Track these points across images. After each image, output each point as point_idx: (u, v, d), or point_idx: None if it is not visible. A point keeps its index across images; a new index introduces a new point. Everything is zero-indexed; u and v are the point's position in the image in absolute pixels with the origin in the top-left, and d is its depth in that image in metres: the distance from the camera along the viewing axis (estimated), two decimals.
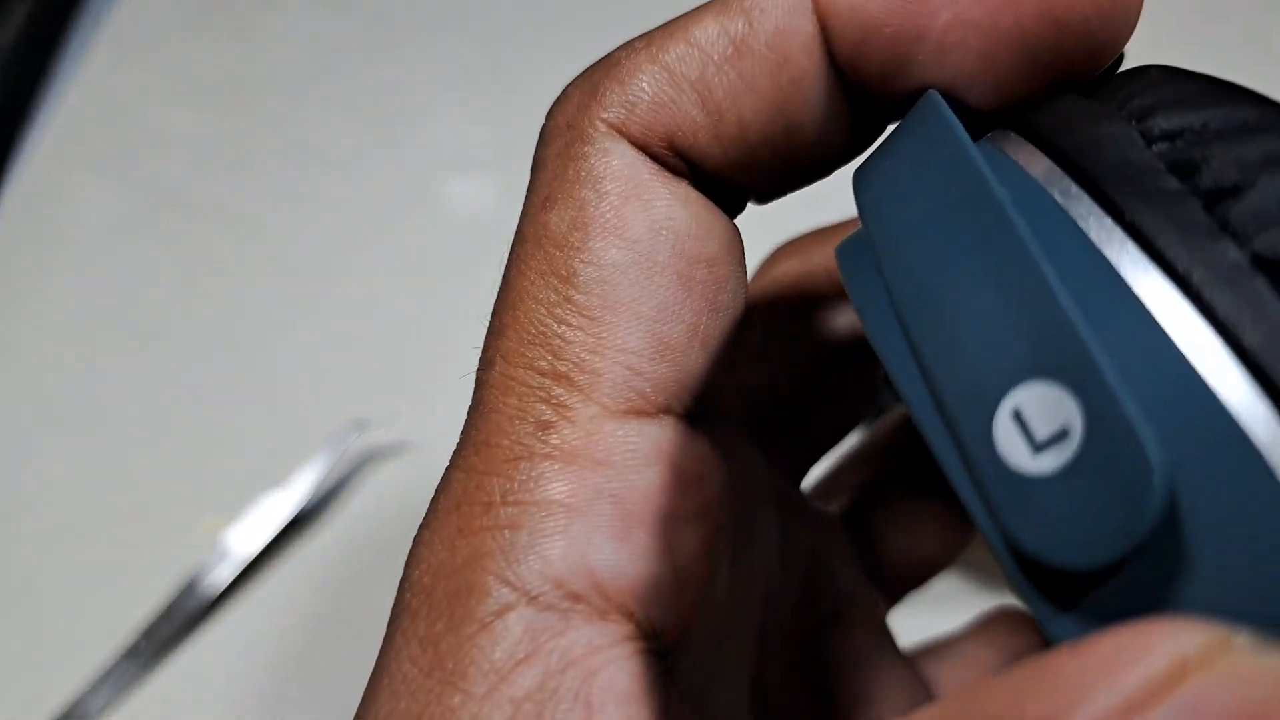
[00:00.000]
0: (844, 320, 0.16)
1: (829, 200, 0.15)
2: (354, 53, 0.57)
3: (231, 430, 0.41)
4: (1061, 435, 0.07)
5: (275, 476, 0.38)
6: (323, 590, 0.37)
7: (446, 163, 0.51)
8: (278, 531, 0.37)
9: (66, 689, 0.35)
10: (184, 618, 0.35)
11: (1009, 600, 0.24)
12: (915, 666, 0.17)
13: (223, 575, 0.36)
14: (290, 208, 0.50)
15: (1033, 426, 0.07)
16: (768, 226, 0.16)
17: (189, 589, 0.36)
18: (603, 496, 0.11)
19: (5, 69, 0.54)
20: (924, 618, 0.21)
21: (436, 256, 0.44)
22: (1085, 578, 0.07)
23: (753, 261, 0.14)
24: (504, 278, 0.12)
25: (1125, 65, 0.11)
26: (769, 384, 0.16)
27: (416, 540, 0.11)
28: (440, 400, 0.27)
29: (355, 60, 0.57)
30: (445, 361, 0.24)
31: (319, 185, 0.51)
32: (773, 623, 0.14)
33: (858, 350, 0.16)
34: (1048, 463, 0.07)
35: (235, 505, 0.38)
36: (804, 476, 0.19)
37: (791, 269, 0.16)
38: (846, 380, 0.16)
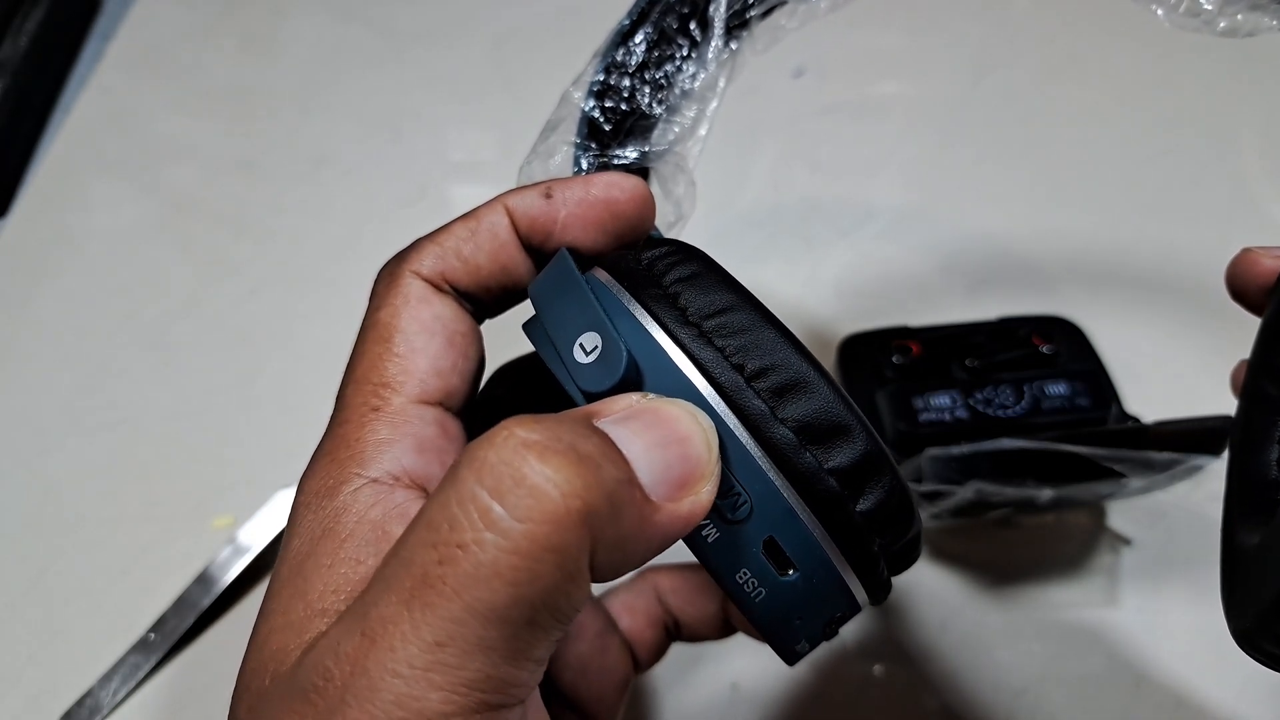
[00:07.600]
0: None
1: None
2: (361, 62, 0.58)
3: (243, 429, 0.42)
4: (595, 349, 0.19)
5: (285, 474, 0.39)
6: None
7: (453, 167, 0.52)
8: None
9: (80, 680, 0.35)
10: (195, 611, 0.36)
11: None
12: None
13: (233, 570, 0.37)
14: (299, 212, 0.51)
15: (585, 347, 0.19)
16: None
17: (200, 583, 0.37)
18: (408, 436, 0.19)
19: (20, 77, 0.55)
20: None
21: None
22: (599, 394, 0.19)
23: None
24: (353, 348, 0.21)
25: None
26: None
27: (305, 473, 0.19)
28: None
29: (362, 69, 0.57)
30: None
31: (328, 190, 0.52)
32: None
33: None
34: (589, 359, 0.19)
35: (246, 502, 0.39)
36: None
37: None
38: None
